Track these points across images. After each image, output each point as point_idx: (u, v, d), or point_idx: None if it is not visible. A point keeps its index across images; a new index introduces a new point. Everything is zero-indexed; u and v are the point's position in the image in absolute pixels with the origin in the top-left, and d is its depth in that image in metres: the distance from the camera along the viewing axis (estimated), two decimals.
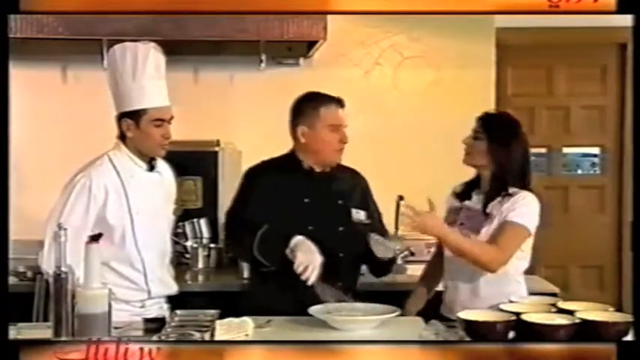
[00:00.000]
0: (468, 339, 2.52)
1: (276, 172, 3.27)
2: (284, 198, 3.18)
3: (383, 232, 3.37)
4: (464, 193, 3.24)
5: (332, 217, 3.22)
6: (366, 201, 3.36)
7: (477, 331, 2.51)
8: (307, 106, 3.24)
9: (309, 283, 2.95)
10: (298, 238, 3.02)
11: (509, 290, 3.05)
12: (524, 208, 3.06)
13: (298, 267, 2.95)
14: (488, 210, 3.10)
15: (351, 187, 3.34)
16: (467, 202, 3.20)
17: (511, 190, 3.10)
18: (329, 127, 3.20)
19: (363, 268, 3.38)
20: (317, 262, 2.97)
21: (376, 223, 3.33)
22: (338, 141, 3.21)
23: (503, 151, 3.11)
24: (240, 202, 3.27)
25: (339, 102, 3.23)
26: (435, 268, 3.31)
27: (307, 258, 2.97)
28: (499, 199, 3.09)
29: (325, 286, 3.00)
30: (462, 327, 2.60)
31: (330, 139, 3.21)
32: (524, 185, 3.12)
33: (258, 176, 3.28)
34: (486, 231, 3.07)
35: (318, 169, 3.27)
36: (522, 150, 3.15)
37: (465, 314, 2.61)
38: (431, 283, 3.34)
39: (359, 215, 3.28)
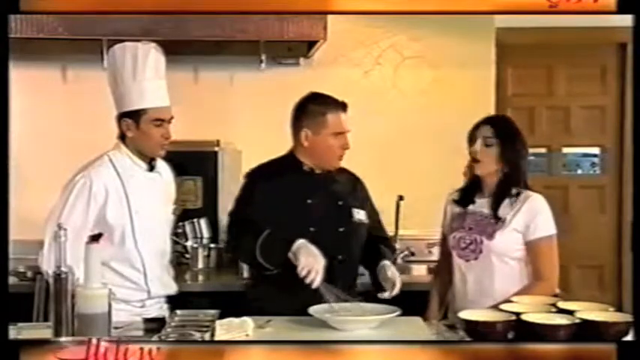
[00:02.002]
0: (468, 339, 2.52)
1: (277, 173, 3.26)
2: (286, 199, 3.17)
3: (382, 231, 3.41)
4: (464, 199, 3.22)
5: (333, 217, 3.22)
6: (364, 201, 3.36)
7: (477, 331, 2.51)
8: (313, 110, 3.21)
9: (314, 286, 2.95)
10: (300, 242, 3.01)
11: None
12: (544, 217, 3.08)
13: (301, 271, 2.95)
14: (499, 214, 3.09)
15: (350, 187, 3.34)
16: (471, 207, 3.18)
17: (514, 189, 3.10)
18: (333, 134, 3.18)
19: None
20: (320, 265, 2.97)
21: (374, 223, 3.35)
22: (340, 147, 3.20)
23: (515, 153, 3.12)
24: (241, 204, 3.26)
25: (343, 107, 3.21)
26: (445, 272, 3.29)
27: (310, 261, 2.96)
28: (507, 200, 3.09)
29: (329, 287, 2.99)
30: (462, 327, 2.60)
31: (333, 145, 3.19)
32: (525, 184, 3.13)
33: (258, 178, 3.27)
34: (500, 236, 3.07)
35: (318, 171, 3.26)
36: (526, 150, 3.16)
37: (465, 314, 2.61)
38: (443, 288, 3.32)
39: (359, 215, 3.28)
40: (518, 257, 3.10)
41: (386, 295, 3.07)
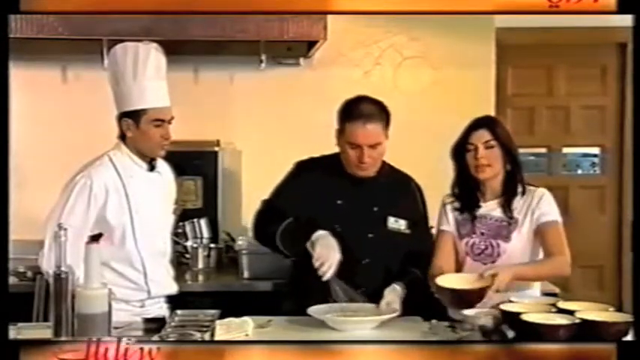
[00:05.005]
0: (468, 339, 2.52)
1: (321, 169, 3.24)
2: (319, 196, 3.15)
3: (425, 245, 3.25)
4: (466, 204, 3.16)
5: (363, 222, 3.16)
6: (411, 210, 3.28)
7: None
8: (339, 116, 3.18)
9: (324, 278, 2.95)
10: (320, 233, 3.00)
11: (530, 288, 3.06)
12: (548, 205, 3.07)
13: (316, 261, 2.95)
14: (515, 215, 3.09)
15: (396, 194, 3.26)
16: (479, 211, 3.15)
17: (520, 187, 3.11)
18: (348, 144, 3.13)
19: None
20: (335, 258, 2.96)
21: (419, 235, 3.26)
22: (356, 158, 3.13)
23: (514, 149, 3.12)
24: (280, 190, 3.26)
25: (367, 117, 3.12)
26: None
27: (325, 253, 2.95)
28: (518, 198, 3.09)
29: (340, 283, 2.99)
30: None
31: (350, 155, 3.14)
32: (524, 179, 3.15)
33: (304, 171, 3.27)
34: (517, 236, 3.06)
35: (360, 174, 3.18)
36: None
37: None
38: None
39: (397, 224, 3.21)
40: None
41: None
